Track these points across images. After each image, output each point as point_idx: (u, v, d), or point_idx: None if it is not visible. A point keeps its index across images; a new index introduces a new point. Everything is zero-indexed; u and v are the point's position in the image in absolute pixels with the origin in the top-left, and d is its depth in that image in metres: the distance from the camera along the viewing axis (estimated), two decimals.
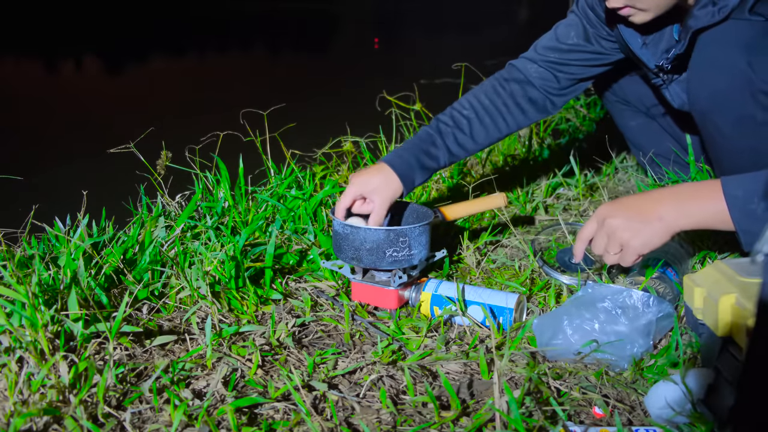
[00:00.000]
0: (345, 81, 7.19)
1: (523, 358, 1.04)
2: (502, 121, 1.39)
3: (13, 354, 0.92)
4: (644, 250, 0.99)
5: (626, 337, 0.98)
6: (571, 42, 1.39)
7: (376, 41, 13.23)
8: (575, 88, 1.45)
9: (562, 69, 1.41)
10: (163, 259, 1.28)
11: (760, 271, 0.76)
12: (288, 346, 1.07)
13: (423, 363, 1.03)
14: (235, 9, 19.29)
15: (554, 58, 1.40)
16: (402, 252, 1.18)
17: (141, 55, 10.44)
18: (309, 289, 1.29)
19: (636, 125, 1.66)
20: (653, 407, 0.87)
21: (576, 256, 1.09)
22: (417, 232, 1.19)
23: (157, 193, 1.55)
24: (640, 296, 1.02)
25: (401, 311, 1.22)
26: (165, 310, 1.17)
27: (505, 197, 1.37)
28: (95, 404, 0.87)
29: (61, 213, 1.39)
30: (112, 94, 7.12)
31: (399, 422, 0.87)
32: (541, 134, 2.35)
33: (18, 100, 6.40)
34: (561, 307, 1.07)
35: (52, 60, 9.83)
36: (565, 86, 1.43)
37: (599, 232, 1.03)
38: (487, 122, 1.37)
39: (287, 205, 1.53)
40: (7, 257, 1.14)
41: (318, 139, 1.97)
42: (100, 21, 15.43)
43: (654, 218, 0.97)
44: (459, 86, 1.94)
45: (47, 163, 3.86)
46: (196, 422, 0.85)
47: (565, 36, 1.39)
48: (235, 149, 1.65)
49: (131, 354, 1.03)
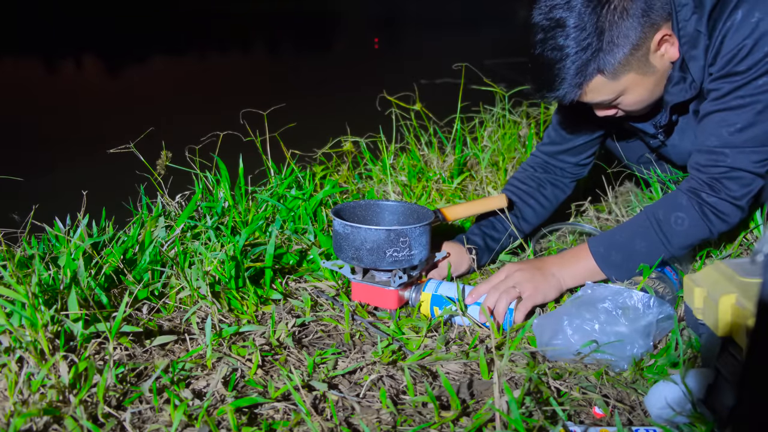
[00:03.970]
0: (345, 81, 7.19)
1: (523, 358, 1.04)
2: (545, 200, 1.51)
3: (13, 354, 0.92)
4: (541, 300, 1.18)
5: (626, 338, 0.98)
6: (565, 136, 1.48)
7: (376, 41, 13.23)
8: (593, 151, 1.52)
9: (571, 152, 1.50)
10: (163, 259, 1.28)
11: (760, 271, 0.76)
12: (288, 346, 1.07)
13: (423, 363, 1.03)
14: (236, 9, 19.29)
15: (559, 149, 1.50)
16: (402, 252, 1.17)
17: (141, 55, 10.44)
18: (309, 289, 1.29)
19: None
20: (653, 407, 0.87)
21: (472, 298, 1.18)
22: (417, 232, 1.19)
23: (157, 193, 1.55)
24: (641, 297, 1.02)
25: (401, 311, 1.22)
26: (165, 310, 1.17)
27: (506, 198, 1.37)
28: (95, 404, 0.87)
29: (61, 213, 1.39)
30: (112, 94, 7.12)
31: (399, 422, 0.87)
32: (540, 134, 2.35)
33: (18, 101, 6.40)
34: (561, 307, 1.07)
35: (52, 60, 9.83)
36: (582, 159, 1.51)
37: (506, 282, 1.18)
38: (532, 203, 1.49)
39: (287, 205, 1.53)
40: (7, 257, 1.14)
41: (318, 139, 1.97)
42: (100, 21, 15.42)
43: (549, 275, 1.20)
44: (459, 86, 1.94)
45: (47, 163, 3.86)
46: (196, 422, 0.85)
47: (558, 133, 1.49)
48: (235, 149, 1.64)
49: (131, 354, 1.03)
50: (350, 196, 1.79)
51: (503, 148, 2.18)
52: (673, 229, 1.16)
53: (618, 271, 1.19)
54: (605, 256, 1.20)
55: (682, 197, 1.17)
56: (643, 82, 1.17)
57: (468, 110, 2.16)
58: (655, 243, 1.17)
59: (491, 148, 2.04)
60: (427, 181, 1.84)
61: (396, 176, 1.88)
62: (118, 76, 8.85)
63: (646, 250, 1.17)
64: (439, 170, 1.91)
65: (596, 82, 1.14)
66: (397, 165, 1.98)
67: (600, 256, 1.20)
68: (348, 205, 1.32)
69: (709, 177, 1.15)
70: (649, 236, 1.17)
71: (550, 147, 1.50)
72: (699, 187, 1.15)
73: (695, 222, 1.15)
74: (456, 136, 2.01)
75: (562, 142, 1.48)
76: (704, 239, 1.17)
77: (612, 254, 1.19)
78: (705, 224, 1.14)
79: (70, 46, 11.26)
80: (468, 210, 1.36)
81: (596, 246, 1.21)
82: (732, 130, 1.12)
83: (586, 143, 1.47)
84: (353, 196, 1.80)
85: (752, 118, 1.10)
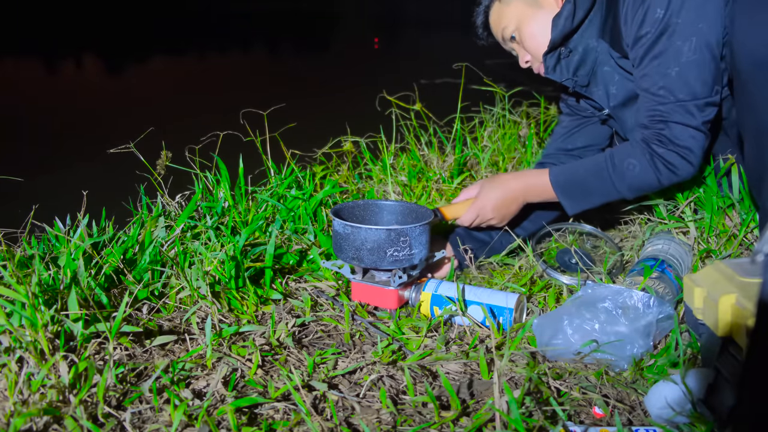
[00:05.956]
0: (345, 81, 7.19)
1: (523, 358, 1.04)
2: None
3: (13, 354, 0.92)
4: (505, 223, 1.38)
5: (626, 338, 0.98)
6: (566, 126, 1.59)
7: (376, 41, 13.23)
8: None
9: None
10: (163, 259, 1.28)
11: (760, 271, 0.76)
12: (288, 346, 1.07)
13: (423, 363, 1.03)
14: (236, 9, 19.28)
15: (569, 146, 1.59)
16: (403, 252, 1.18)
17: (141, 55, 10.44)
18: (309, 289, 1.29)
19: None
20: (653, 407, 0.87)
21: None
22: (417, 231, 1.19)
23: (157, 193, 1.55)
24: (641, 297, 1.02)
25: (401, 311, 1.22)
26: (165, 310, 1.17)
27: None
28: (95, 404, 0.87)
29: (61, 213, 1.39)
30: (112, 94, 7.12)
31: (399, 422, 0.87)
32: (541, 134, 2.35)
33: (18, 101, 6.40)
34: (561, 307, 1.07)
35: (52, 60, 9.83)
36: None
37: (477, 221, 1.38)
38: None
39: (287, 205, 1.53)
40: (7, 257, 1.14)
41: (318, 139, 1.97)
42: (100, 21, 15.42)
43: (517, 204, 1.36)
44: (459, 86, 1.94)
45: (47, 163, 3.86)
46: (196, 422, 0.85)
47: (562, 129, 1.60)
48: (235, 149, 1.64)
49: (131, 354, 1.03)
50: (350, 196, 1.79)
51: (503, 148, 2.18)
52: (624, 173, 1.25)
53: (573, 203, 1.32)
54: (564, 187, 1.31)
55: (636, 146, 1.24)
56: (534, 15, 1.34)
57: (468, 110, 2.17)
58: (607, 183, 1.27)
59: (491, 148, 2.04)
60: (427, 181, 1.84)
61: (396, 176, 1.88)
62: (118, 76, 8.85)
63: (600, 188, 1.28)
64: (439, 170, 1.91)
65: (494, 8, 1.41)
66: (397, 165, 1.99)
67: (559, 186, 1.31)
68: (347, 205, 1.32)
69: (654, 132, 1.21)
70: (602, 176, 1.27)
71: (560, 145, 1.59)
72: (650, 139, 1.22)
73: (645, 169, 1.23)
74: (456, 136, 2.01)
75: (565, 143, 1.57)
76: (653, 187, 1.26)
77: (570, 188, 1.31)
78: (654, 173, 1.22)
79: (70, 46, 11.25)
80: (466, 207, 1.37)
81: (557, 177, 1.32)
82: (660, 85, 1.19)
83: (587, 147, 1.55)
84: (353, 196, 1.80)
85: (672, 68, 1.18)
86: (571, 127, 1.56)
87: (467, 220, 1.37)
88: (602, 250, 1.49)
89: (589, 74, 1.38)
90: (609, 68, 1.35)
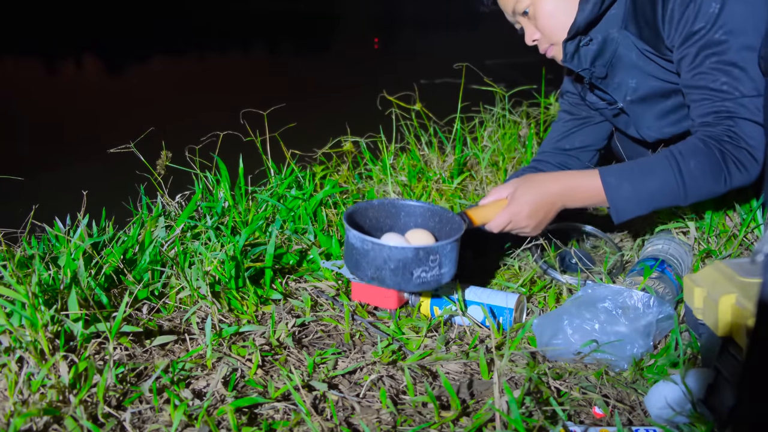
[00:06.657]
0: (345, 81, 7.19)
1: (523, 358, 1.04)
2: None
3: (13, 354, 0.92)
4: (538, 232, 1.24)
5: (626, 338, 0.98)
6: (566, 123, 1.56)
7: (376, 41, 13.22)
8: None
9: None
10: (163, 259, 1.28)
11: (760, 271, 0.76)
12: (288, 346, 1.07)
13: (423, 363, 1.03)
14: (236, 9, 19.28)
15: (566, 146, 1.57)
16: (432, 272, 1.03)
17: (141, 55, 10.43)
18: (309, 289, 1.29)
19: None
20: (653, 407, 0.87)
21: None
22: (449, 248, 1.04)
23: (157, 193, 1.55)
24: (641, 297, 1.02)
25: (401, 311, 1.22)
26: (165, 310, 1.17)
27: None
28: (95, 404, 0.87)
29: (61, 213, 1.39)
30: (111, 94, 7.12)
31: (399, 422, 0.87)
32: (541, 134, 2.35)
33: (18, 101, 6.40)
34: (561, 308, 1.07)
35: (52, 60, 9.83)
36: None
37: (510, 226, 1.23)
38: None
39: (287, 205, 1.53)
40: (7, 257, 1.14)
41: (318, 139, 1.97)
42: (101, 21, 15.42)
43: (554, 210, 1.21)
44: (459, 86, 1.94)
45: (47, 163, 3.86)
46: (196, 422, 0.85)
47: (560, 125, 1.58)
48: (235, 149, 1.64)
49: (131, 354, 1.03)
50: (350, 196, 1.79)
51: (503, 148, 2.18)
52: (691, 172, 1.12)
53: (626, 204, 1.15)
54: (616, 186, 1.15)
55: (702, 144, 1.13)
56: None
57: (468, 110, 2.16)
58: (669, 182, 1.13)
59: (491, 148, 2.04)
60: (427, 181, 1.84)
61: (396, 176, 1.88)
62: (118, 76, 8.85)
63: (658, 188, 1.14)
64: (439, 170, 1.91)
65: None
66: (397, 165, 1.98)
67: (610, 186, 1.15)
68: (360, 207, 1.19)
69: (724, 129, 1.12)
70: (665, 175, 1.13)
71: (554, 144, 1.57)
72: (718, 136, 1.12)
73: (714, 168, 1.11)
74: (456, 136, 2.01)
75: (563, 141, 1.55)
76: (717, 191, 1.14)
77: (623, 186, 1.15)
78: (722, 173, 1.12)
79: (70, 46, 11.25)
80: (497, 212, 1.21)
81: (607, 176, 1.16)
82: (722, 81, 1.12)
83: (585, 147, 1.54)
84: (353, 196, 1.80)
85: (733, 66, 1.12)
86: (570, 126, 1.56)
87: (498, 225, 1.20)
88: (602, 250, 1.49)
89: (607, 65, 1.31)
90: (630, 61, 1.28)
